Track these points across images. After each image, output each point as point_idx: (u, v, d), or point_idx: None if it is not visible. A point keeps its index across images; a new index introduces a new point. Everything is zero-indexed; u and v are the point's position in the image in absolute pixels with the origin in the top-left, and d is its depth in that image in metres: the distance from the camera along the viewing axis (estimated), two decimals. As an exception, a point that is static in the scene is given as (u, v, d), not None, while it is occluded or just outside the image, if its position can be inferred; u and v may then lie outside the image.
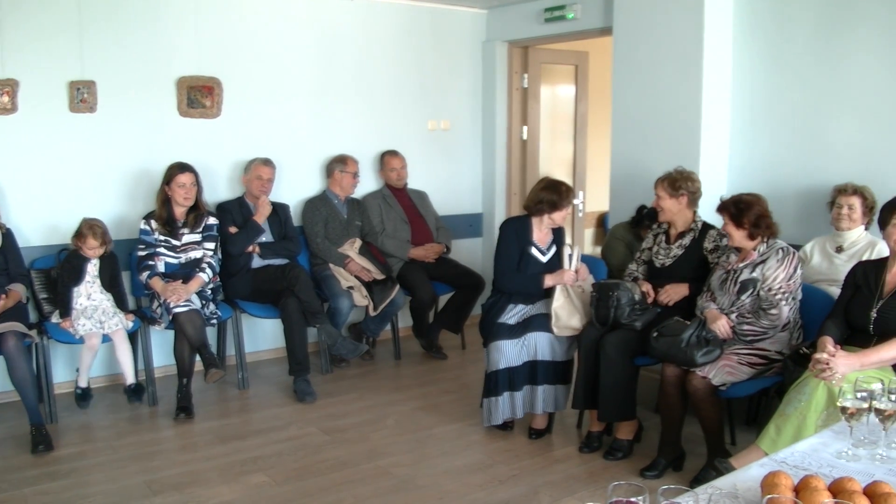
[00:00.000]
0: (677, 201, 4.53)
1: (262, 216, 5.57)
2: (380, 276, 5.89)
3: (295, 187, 6.14)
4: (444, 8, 6.85)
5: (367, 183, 6.47)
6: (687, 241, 4.57)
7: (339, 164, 6.11)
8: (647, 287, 4.55)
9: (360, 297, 5.78)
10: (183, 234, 5.21)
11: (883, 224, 3.63)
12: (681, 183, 4.51)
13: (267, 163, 5.70)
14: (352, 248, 5.94)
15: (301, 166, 6.20)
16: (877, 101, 4.67)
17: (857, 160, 4.74)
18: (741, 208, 4.09)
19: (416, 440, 4.66)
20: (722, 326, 4.08)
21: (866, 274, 3.72)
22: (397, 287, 5.91)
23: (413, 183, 6.58)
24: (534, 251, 4.72)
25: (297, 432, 4.75)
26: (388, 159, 6.41)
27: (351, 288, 5.78)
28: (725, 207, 4.16)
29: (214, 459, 4.37)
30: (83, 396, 5.10)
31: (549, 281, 4.62)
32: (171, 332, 5.09)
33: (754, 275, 4.09)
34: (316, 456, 4.41)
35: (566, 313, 4.56)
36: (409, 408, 5.17)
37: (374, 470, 4.23)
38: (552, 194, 4.65)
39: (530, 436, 4.66)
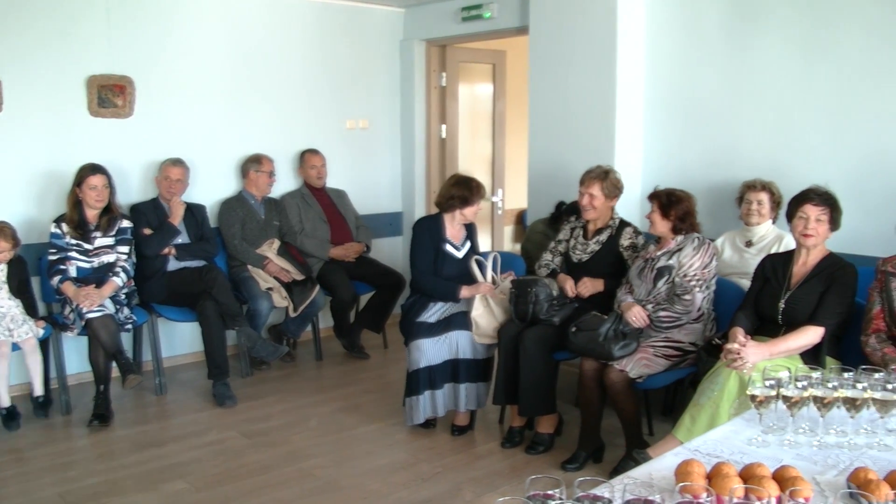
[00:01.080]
0: (611, 202, 4.61)
1: (176, 217, 5.46)
2: (299, 277, 5.84)
3: (211, 188, 6.03)
4: (361, 6, 6.81)
5: (285, 182, 6.39)
6: (604, 237, 4.63)
7: (254, 164, 6.02)
8: (570, 283, 4.60)
9: (280, 299, 5.72)
10: (95, 237, 5.07)
11: (790, 217, 3.77)
12: (617, 184, 4.58)
13: (176, 163, 5.58)
14: (270, 249, 5.87)
15: (216, 166, 6.09)
16: (782, 100, 4.83)
17: (765, 157, 4.90)
18: (672, 200, 4.23)
19: (339, 441, 4.63)
20: (636, 314, 4.17)
21: (774, 266, 3.87)
22: (317, 287, 5.86)
23: (332, 182, 6.53)
24: (448, 248, 4.75)
25: (217, 437, 4.68)
26: (308, 157, 6.35)
27: (270, 289, 5.72)
28: (657, 196, 4.29)
29: (132, 467, 4.27)
30: (10, 417, 4.74)
31: (464, 293, 4.64)
32: (86, 339, 4.95)
33: (671, 262, 4.20)
34: (237, 460, 4.35)
35: (486, 322, 4.59)
36: (332, 409, 5.14)
37: (296, 472, 4.19)
38: (463, 190, 4.69)
39: (453, 433, 4.68)
